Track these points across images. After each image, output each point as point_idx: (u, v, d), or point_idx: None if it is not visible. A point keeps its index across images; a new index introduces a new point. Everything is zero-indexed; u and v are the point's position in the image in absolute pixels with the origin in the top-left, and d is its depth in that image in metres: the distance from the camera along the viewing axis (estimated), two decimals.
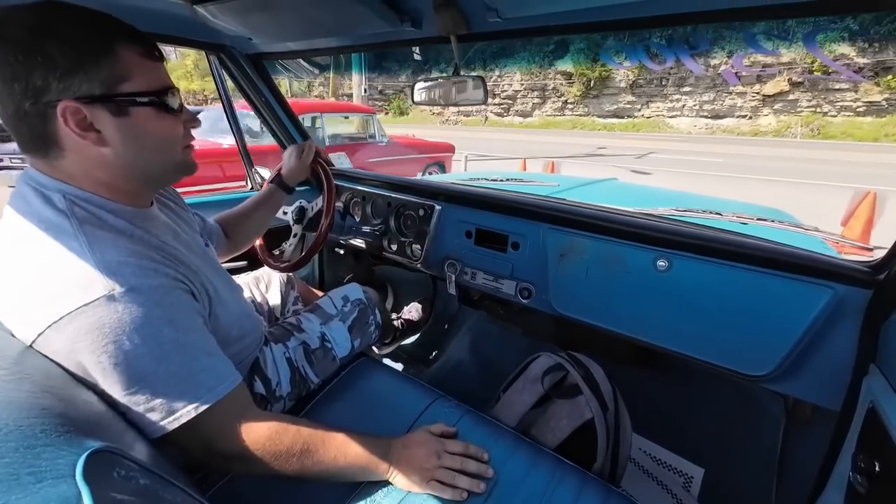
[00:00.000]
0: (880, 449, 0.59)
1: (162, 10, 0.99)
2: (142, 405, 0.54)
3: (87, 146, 0.55)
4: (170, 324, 0.56)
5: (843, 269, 0.77)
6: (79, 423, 0.42)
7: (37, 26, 0.50)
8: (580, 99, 20.56)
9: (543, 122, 21.32)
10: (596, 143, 14.47)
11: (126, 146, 0.58)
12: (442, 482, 0.70)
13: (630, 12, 0.76)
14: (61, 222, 0.54)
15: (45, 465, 0.34)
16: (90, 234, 0.54)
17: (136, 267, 0.54)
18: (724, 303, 0.87)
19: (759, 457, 1.15)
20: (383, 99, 25.27)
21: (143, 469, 0.42)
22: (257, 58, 1.40)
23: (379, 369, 1.06)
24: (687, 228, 0.97)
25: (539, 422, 0.94)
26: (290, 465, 0.63)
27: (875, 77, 14.81)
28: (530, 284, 1.14)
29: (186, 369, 0.57)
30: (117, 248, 0.55)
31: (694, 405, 1.30)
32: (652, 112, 19.16)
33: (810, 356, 0.81)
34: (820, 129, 15.41)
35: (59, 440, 0.38)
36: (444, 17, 0.86)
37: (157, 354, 0.54)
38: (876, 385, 0.65)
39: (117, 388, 0.52)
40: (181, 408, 0.55)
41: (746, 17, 0.71)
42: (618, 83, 19.49)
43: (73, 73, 0.52)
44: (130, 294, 0.52)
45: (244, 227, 1.11)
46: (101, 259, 0.52)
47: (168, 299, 0.57)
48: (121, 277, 0.52)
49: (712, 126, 17.90)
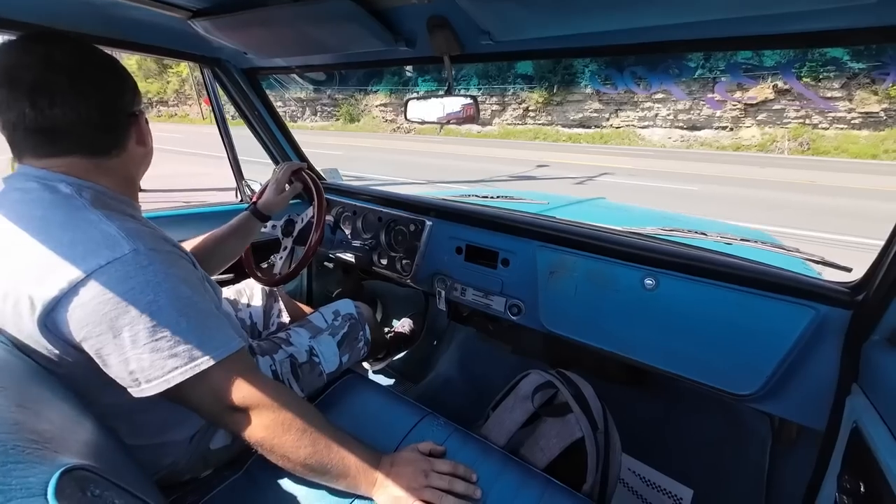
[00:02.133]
0: (865, 469, 0.60)
1: (159, 24, 1.00)
2: (165, 351, 0.56)
3: (137, 146, 0.69)
4: (185, 282, 0.61)
5: (824, 290, 0.79)
6: (53, 439, 0.41)
7: (95, 52, 0.64)
8: (543, 106, 18.23)
9: (503, 132, 19.03)
10: (544, 157, 12.14)
11: (149, 147, 0.73)
12: (429, 502, 0.68)
13: (620, 39, 0.79)
14: (72, 201, 0.58)
15: (16, 483, 0.33)
16: (102, 210, 0.59)
17: (150, 234, 0.61)
18: (710, 321, 0.88)
19: (746, 477, 1.14)
20: (332, 104, 23.38)
21: (117, 488, 0.41)
22: (252, 72, 1.41)
23: (367, 386, 1.04)
24: (673, 248, 0.98)
25: (528, 441, 0.93)
26: (288, 438, 0.63)
27: (872, 85, 12.60)
28: (520, 301, 1.15)
29: (202, 325, 0.60)
30: (131, 221, 0.61)
31: (682, 425, 1.30)
32: (621, 122, 16.88)
33: (794, 376, 0.82)
34: (810, 144, 13.25)
35: (30, 457, 0.36)
36: (438, 39, 0.88)
37: (177, 308, 0.58)
38: (858, 405, 0.66)
39: (144, 334, 0.55)
40: (200, 356, 0.58)
41: (733, 47, 0.74)
42: (583, 88, 17.37)
43: (135, 91, 0.69)
44: (152, 253, 0.58)
45: (217, 253, 1.07)
46: (122, 226, 0.58)
47: (180, 262, 0.63)
48: (141, 240, 0.57)
49: (688, 138, 15.61)
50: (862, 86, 12.74)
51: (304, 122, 24.43)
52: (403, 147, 15.12)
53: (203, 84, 1.46)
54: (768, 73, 13.71)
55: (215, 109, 1.52)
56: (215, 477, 0.80)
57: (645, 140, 16.50)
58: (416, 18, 0.86)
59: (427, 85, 18.65)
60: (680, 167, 10.79)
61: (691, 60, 14.48)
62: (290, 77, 1.74)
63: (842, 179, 9.01)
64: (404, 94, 20.21)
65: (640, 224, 1.26)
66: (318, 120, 23.75)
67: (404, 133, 19.98)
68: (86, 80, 0.60)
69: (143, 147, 0.71)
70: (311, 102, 24.16)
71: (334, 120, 22.88)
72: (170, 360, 0.56)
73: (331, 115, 23.37)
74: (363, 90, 21.98)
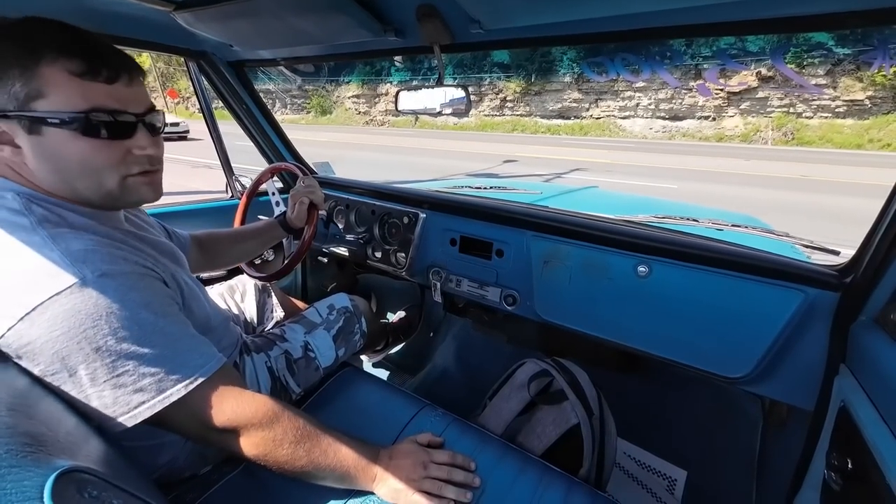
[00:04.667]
0: (852, 447, 0.61)
1: (142, 17, 0.97)
2: (129, 386, 0.52)
3: (11, 156, 0.55)
4: (146, 307, 0.55)
5: (813, 273, 0.80)
6: (47, 442, 0.40)
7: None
8: (520, 96, 17.54)
9: (480, 124, 18.35)
10: (515, 152, 11.44)
11: (41, 164, 0.56)
12: (429, 493, 0.69)
13: (612, 25, 0.78)
14: (17, 219, 0.52)
15: (11, 488, 0.32)
16: (50, 230, 0.53)
17: (103, 254, 0.54)
18: (702, 307, 0.89)
19: (738, 458, 1.17)
20: (303, 96, 21.98)
21: (115, 488, 0.41)
22: (238, 65, 1.38)
23: (364, 378, 1.04)
24: (666, 235, 0.99)
25: (525, 428, 0.94)
26: (281, 452, 0.61)
27: (857, 71, 12.19)
28: (515, 291, 1.15)
29: (171, 350, 0.56)
30: (81, 239, 0.54)
31: (676, 409, 1.33)
32: (602, 111, 16.29)
33: (784, 358, 0.84)
34: (794, 134, 13.00)
35: (24, 461, 0.36)
36: (427, 28, 0.87)
37: (138, 337, 0.53)
38: (846, 385, 0.68)
39: (102, 371, 0.50)
40: (171, 386, 0.54)
41: (721, 32, 0.74)
42: (562, 77, 16.71)
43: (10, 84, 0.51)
44: (102, 279, 0.51)
45: (232, 250, 1.08)
46: (67, 249, 0.51)
47: (141, 284, 0.56)
48: (90, 265, 0.51)
49: (670, 129, 15.12)
50: (847, 72, 12.45)
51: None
52: (363, 141, 14.05)
53: (166, 76, 1.43)
54: (752, 59, 13.30)
55: (202, 104, 1.49)
56: (215, 473, 0.80)
57: (626, 131, 15.94)
58: (404, 7, 0.84)
59: (400, 75, 18.12)
60: (659, 161, 10.24)
61: (678, 46, 14.15)
62: (256, 69, 1.67)
63: (833, 173, 8.32)
64: (377, 85, 19.52)
65: (633, 212, 1.26)
66: (289, 113, 22.61)
67: (378, 126, 19.08)
68: None
69: (19, 158, 0.55)
70: (281, 95, 22.93)
71: (305, 113, 21.72)
72: (135, 395, 0.52)
73: (301, 108, 22.15)
74: (334, 81, 21.02)
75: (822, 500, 0.69)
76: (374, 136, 16.18)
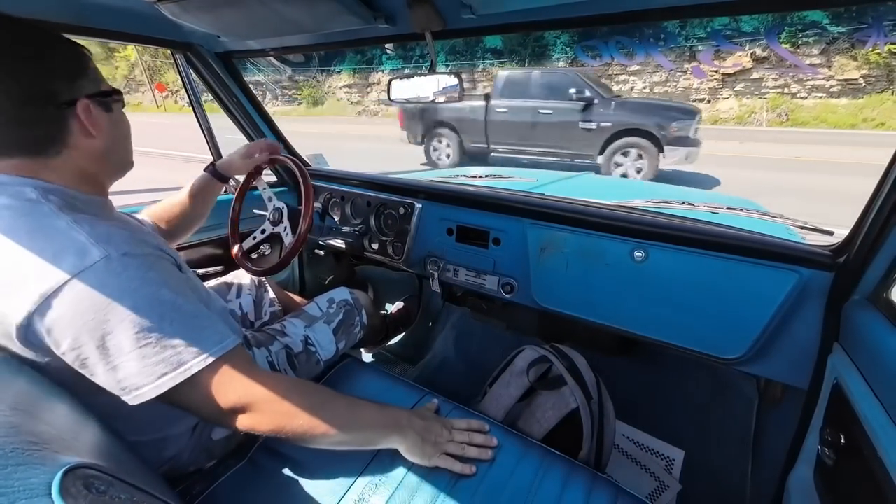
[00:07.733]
0: (845, 422, 0.63)
1: (126, 8, 0.95)
2: (152, 357, 0.54)
3: (86, 140, 0.61)
4: (166, 286, 0.58)
5: (807, 254, 0.81)
6: (52, 440, 0.41)
7: (25, 38, 0.55)
8: None
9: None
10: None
11: (112, 138, 0.65)
12: (452, 455, 0.74)
13: (606, 8, 0.77)
14: (38, 207, 0.55)
15: (18, 486, 0.33)
16: (70, 214, 0.56)
17: (125, 236, 0.57)
18: (697, 290, 0.90)
19: (734, 436, 1.20)
20: (294, 87, 21.11)
21: (122, 483, 0.41)
22: (226, 56, 1.36)
23: (364, 369, 1.05)
24: (661, 219, 0.99)
25: (525, 414, 0.96)
26: (298, 423, 0.62)
27: (851, 49, 12.03)
28: (512, 279, 1.16)
29: (189, 327, 0.58)
30: (102, 223, 0.57)
31: (673, 390, 1.35)
32: None
33: (779, 338, 0.85)
34: (788, 115, 12.83)
35: (31, 458, 0.36)
36: (418, 14, 0.86)
37: (159, 312, 0.55)
38: (839, 363, 0.69)
39: (128, 343, 0.53)
40: (190, 359, 0.56)
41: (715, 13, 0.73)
42: (556, 62, 16.15)
43: (75, 75, 0.60)
44: (125, 259, 0.54)
45: (180, 218, 1.03)
46: (91, 231, 0.54)
47: (159, 265, 0.60)
48: (114, 245, 0.54)
49: None
50: (841, 51, 12.38)
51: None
52: (364, 132, 13.29)
53: (153, 69, 1.40)
54: (746, 40, 13.23)
55: (191, 96, 1.47)
56: (220, 466, 0.81)
57: None
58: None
59: (392, 63, 17.76)
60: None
61: (673, 28, 14.00)
62: (245, 60, 1.65)
63: (828, 153, 8.19)
64: (369, 74, 19.01)
65: (629, 197, 1.26)
66: (280, 105, 21.81)
67: (371, 116, 18.55)
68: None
69: (94, 139, 0.62)
70: (272, 86, 22.17)
71: (297, 104, 21.00)
72: (158, 366, 0.54)
73: (293, 100, 21.46)
74: (325, 70, 20.34)
75: (817, 474, 0.71)
76: (371, 126, 15.77)
